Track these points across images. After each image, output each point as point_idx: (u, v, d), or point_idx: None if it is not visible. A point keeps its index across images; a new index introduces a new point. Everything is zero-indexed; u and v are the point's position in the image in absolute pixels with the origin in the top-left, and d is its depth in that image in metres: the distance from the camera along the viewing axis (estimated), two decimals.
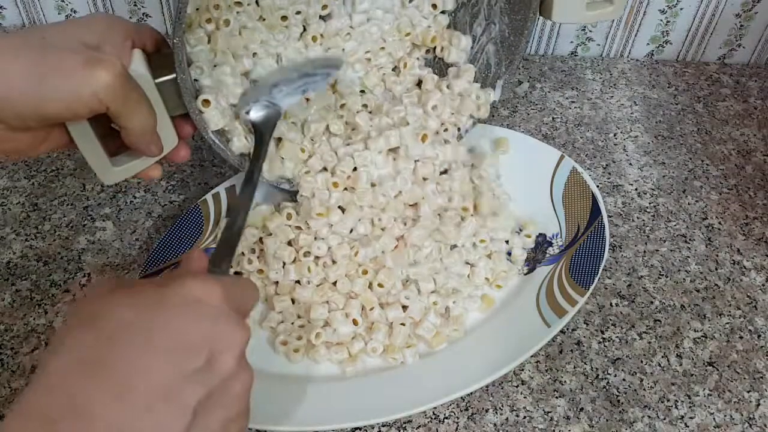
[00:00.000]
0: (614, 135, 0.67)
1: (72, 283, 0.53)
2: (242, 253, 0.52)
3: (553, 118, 0.69)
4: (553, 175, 0.57)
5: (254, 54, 0.52)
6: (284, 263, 0.50)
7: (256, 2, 0.51)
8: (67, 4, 0.75)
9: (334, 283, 0.49)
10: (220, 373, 0.30)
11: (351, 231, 0.51)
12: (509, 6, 0.53)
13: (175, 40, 0.41)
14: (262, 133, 0.48)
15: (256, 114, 0.49)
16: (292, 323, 0.49)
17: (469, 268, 0.52)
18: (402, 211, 0.51)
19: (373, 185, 0.51)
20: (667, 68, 0.76)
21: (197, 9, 0.48)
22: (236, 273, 0.52)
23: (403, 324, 0.48)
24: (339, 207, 0.51)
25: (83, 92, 0.36)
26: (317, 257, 0.50)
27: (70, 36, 0.38)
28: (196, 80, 0.47)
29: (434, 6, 0.56)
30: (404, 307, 0.49)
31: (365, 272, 0.49)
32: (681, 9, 0.72)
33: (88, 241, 0.56)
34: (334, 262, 0.50)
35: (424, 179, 0.52)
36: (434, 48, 0.57)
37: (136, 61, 0.41)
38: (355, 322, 0.48)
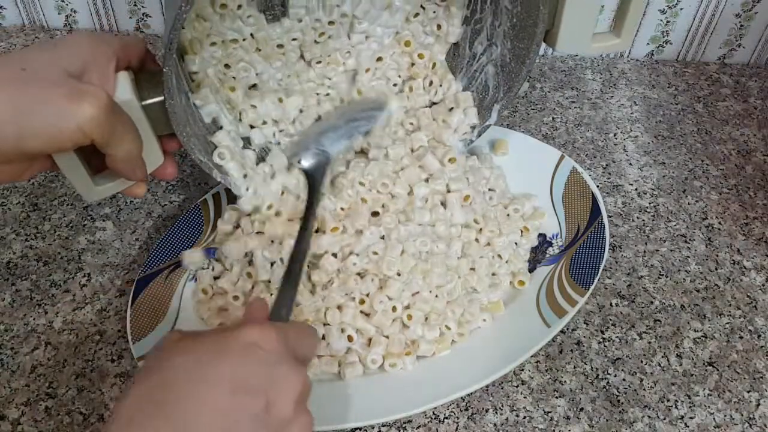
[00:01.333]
0: (614, 135, 0.67)
1: (72, 282, 0.53)
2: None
3: (553, 118, 0.69)
4: (553, 175, 0.57)
5: (253, 86, 0.53)
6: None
7: (251, 35, 0.52)
8: (67, 4, 0.75)
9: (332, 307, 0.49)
10: (278, 417, 0.31)
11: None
12: (513, 32, 0.51)
13: (165, 69, 0.40)
14: (314, 179, 0.50)
15: (307, 162, 0.52)
16: None
17: (490, 278, 0.52)
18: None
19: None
20: (667, 68, 0.76)
21: (189, 42, 0.48)
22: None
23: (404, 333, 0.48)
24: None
25: (67, 127, 0.35)
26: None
27: (51, 64, 0.36)
28: (195, 105, 0.48)
29: (439, 27, 0.56)
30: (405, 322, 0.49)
31: (362, 302, 0.49)
32: (681, 9, 0.72)
33: (88, 241, 0.56)
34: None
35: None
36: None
37: (121, 85, 0.40)
38: (350, 339, 0.47)
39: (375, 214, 0.51)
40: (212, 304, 0.50)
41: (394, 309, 0.48)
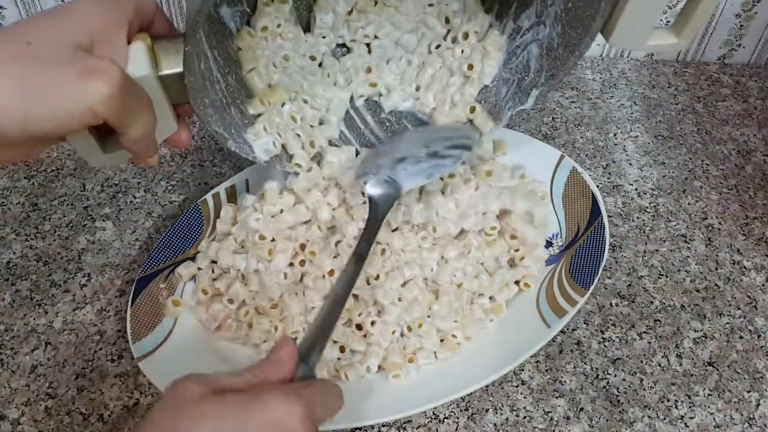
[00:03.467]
0: (614, 135, 0.67)
1: (72, 282, 0.53)
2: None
3: (553, 118, 0.69)
4: (553, 175, 0.57)
5: (304, 101, 0.51)
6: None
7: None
8: None
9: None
10: None
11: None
12: (566, 17, 0.47)
13: (186, 48, 0.37)
14: (377, 211, 0.45)
15: (373, 189, 0.46)
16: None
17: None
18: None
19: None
20: (667, 68, 0.76)
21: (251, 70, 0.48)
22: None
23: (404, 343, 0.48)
24: None
25: (77, 109, 0.32)
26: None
27: (58, 37, 0.33)
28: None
29: (470, 67, 0.52)
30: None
31: (358, 327, 0.48)
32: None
33: (88, 241, 0.56)
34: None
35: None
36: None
37: (136, 58, 0.36)
38: (342, 350, 0.47)
39: None
40: (211, 306, 0.49)
41: (393, 332, 0.47)
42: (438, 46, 0.53)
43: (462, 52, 0.52)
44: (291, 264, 0.49)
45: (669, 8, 0.72)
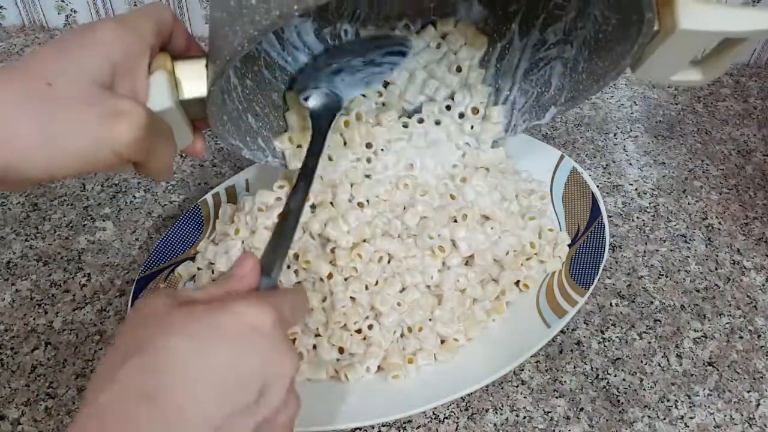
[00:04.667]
0: (614, 135, 0.67)
1: (72, 282, 0.53)
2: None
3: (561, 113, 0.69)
4: (553, 175, 0.57)
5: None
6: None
7: None
8: (67, 4, 0.75)
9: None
10: (270, 405, 0.30)
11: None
12: (596, 45, 0.45)
13: (212, 88, 0.37)
14: (320, 123, 0.45)
15: (314, 102, 0.46)
16: None
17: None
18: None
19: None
20: None
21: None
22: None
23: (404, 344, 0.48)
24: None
25: (101, 153, 0.32)
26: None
27: (78, 75, 0.32)
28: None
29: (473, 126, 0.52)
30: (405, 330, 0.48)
31: (358, 331, 0.48)
32: None
33: (88, 241, 0.56)
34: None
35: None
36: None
37: (157, 89, 0.36)
38: (341, 351, 0.47)
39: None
40: None
41: (393, 333, 0.47)
42: (448, 107, 0.52)
43: (472, 127, 0.52)
44: (288, 266, 0.49)
45: None
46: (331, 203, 0.49)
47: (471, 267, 0.49)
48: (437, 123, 0.52)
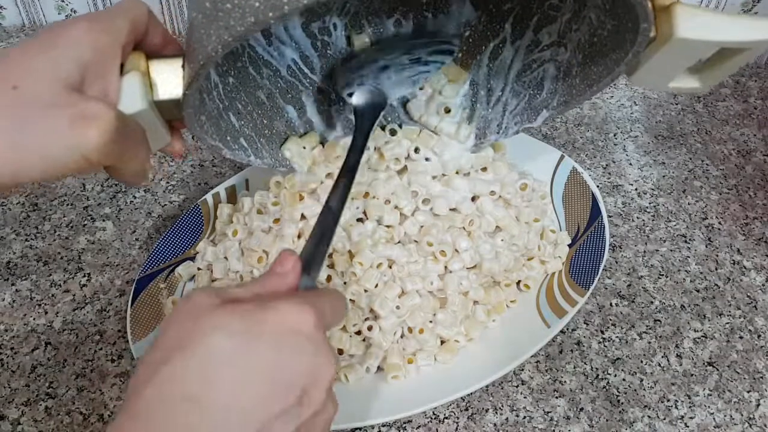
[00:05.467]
0: (614, 135, 0.67)
1: (72, 282, 0.53)
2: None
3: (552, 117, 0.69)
4: (553, 175, 0.57)
5: None
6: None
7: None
8: (67, 4, 0.75)
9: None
10: (310, 408, 0.30)
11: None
12: (590, 48, 0.44)
13: (186, 92, 0.35)
14: (363, 121, 0.44)
15: (359, 99, 0.45)
16: None
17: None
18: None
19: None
20: None
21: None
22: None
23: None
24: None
25: (71, 158, 0.31)
26: None
27: (47, 77, 0.31)
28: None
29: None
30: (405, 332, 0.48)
31: (358, 332, 0.48)
32: None
33: (88, 241, 0.56)
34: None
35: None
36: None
37: (130, 91, 0.34)
38: (340, 352, 0.47)
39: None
40: None
41: (394, 333, 0.47)
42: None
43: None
44: None
45: None
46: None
47: (473, 270, 0.50)
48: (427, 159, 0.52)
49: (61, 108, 0.31)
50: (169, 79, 0.36)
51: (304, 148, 0.50)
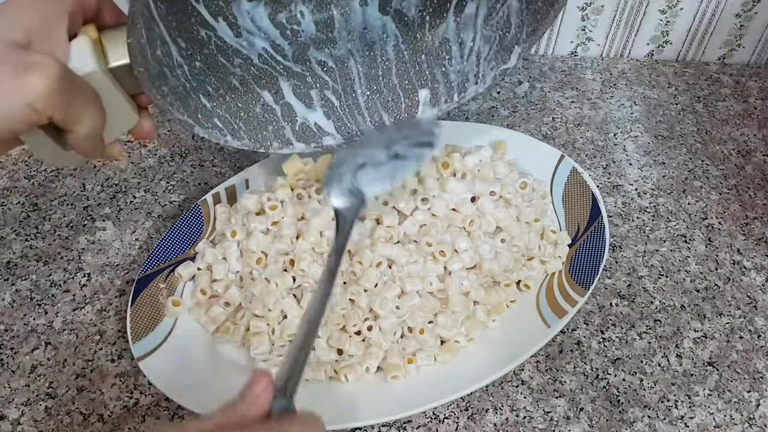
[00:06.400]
0: (614, 135, 0.67)
1: (72, 282, 0.53)
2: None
3: (553, 118, 0.69)
4: (553, 175, 0.57)
5: None
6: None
7: None
8: None
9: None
10: None
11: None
12: None
13: (129, 40, 0.35)
14: (344, 223, 0.43)
15: (337, 200, 0.44)
16: (273, 344, 0.48)
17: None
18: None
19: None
20: (667, 68, 0.76)
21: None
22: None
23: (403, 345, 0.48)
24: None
25: (16, 107, 0.31)
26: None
27: None
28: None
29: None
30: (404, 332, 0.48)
31: (358, 332, 0.48)
32: (681, 9, 0.72)
33: (87, 241, 0.56)
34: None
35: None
36: None
37: (78, 53, 0.35)
38: (339, 352, 0.47)
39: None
40: (210, 309, 0.49)
41: (394, 333, 0.47)
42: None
43: None
44: (285, 270, 0.49)
45: (669, 8, 0.72)
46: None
47: (473, 270, 0.49)
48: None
49: (5, 62, 0.31)
50: (120, 45, 0.36)
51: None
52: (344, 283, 0.47)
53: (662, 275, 0.55)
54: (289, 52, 0.50)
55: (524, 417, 0.46)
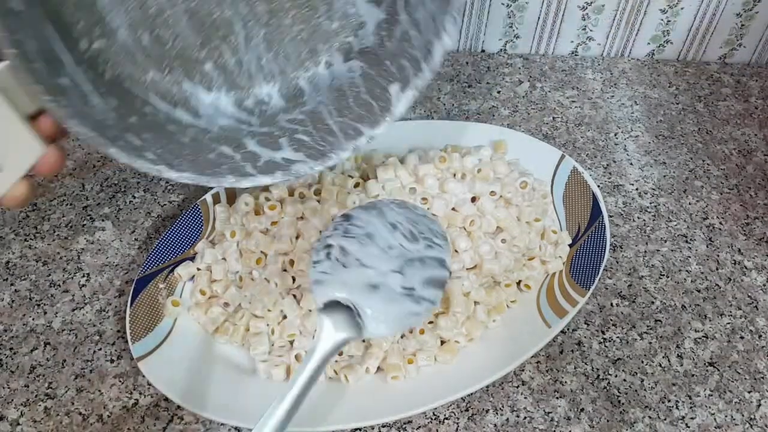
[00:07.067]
0: (615, 135, 0.67)
1: (71, 283, 0.53)
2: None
3: (553, 117, 0.68)
4: (553, 174, 0.57)
5: None
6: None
7: None
8: None
9: None
10: None
11: None
12: None
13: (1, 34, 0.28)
14: (325, 349, 0.38)
15: (330, 321, 0.39)
16: (273, 344, 0.48)
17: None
18: None
19: None
20: (668, 68, 0.76)
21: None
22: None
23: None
24: None
25: None
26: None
27: None
28: None
29: None
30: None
31: None
32: (682, 8, 0.72)
33: (87, 241, 0.56)
34: None
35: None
36: None
37: None
38: (339, 352, 0.47)
39: None
40: (209, 309, 0.49)
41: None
42: None
43: None
44: (284, 270, 0.49)
45: (670, 7, 0.72)
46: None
47: (473, 270, 0.49)
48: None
49: None
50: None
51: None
52: None
53: (663, 275, 0.55)
54: (257, 122, 0.43)
55: (525, 417, 0.46)
